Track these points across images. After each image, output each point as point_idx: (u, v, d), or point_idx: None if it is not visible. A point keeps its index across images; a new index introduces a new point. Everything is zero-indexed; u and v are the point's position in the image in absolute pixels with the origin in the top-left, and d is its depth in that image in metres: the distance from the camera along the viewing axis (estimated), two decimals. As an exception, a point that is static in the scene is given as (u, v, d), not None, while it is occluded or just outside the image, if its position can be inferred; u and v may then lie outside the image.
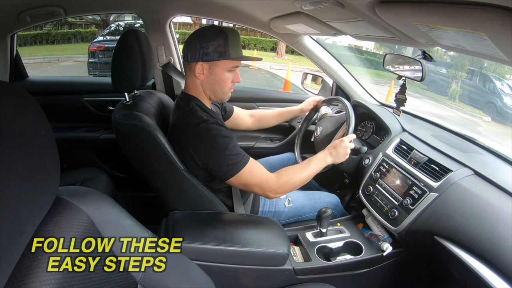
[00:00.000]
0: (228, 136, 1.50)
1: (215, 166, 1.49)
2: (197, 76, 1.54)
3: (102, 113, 2.55)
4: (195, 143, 1.47)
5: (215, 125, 1.49)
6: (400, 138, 1.86)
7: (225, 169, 1.48)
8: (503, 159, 1.63)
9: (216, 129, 1.48)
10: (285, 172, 1.60)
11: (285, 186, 1.59)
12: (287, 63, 13.25)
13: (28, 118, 0.64)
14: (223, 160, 1.47)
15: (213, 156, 1.47)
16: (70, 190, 0.81)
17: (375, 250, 1.64)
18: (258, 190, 1.56)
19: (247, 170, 1.50)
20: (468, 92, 11.26)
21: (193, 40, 1.51)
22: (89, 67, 9.90)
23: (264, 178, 1.55)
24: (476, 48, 0.91)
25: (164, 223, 1.52)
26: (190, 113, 1.53)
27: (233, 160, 1.48)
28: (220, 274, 1.37)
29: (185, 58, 1.54)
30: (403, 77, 1.84)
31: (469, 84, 11.45)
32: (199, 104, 1.57)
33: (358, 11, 1.14)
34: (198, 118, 1.50)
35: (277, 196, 1.60)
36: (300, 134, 2.18)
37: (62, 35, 15.56)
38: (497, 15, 0.66)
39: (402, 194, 1.60)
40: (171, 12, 2.24)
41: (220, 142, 1.47)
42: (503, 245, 1.18)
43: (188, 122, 1.51)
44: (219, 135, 1.48)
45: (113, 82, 1.58)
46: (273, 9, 1.83)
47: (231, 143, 1.49)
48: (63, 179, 0.72)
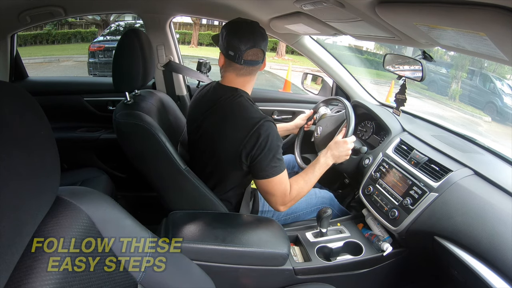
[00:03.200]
0: (281, 139, 1.54)
1: (260, 163, 1.50)
2: (263, 67, 1.59)
3: (102, 113, 2.56)
4: (254, 138, 1.47)
5: (272, 123, 1.50)
6: (400, 138, 1.86)
7: (266, 168, 1.50)
8: (503, 159, 1.63)
9: (274, 128, 1.51)
10: (295, 186, 1.62)
11: (295, 200, 1.62)
12: (287, 63, 13.23)
13: (28, 118, 0.64)
14: (270, 160, 1.49)
15: (266, 154, 1.48)
16: (70, 190, 0.81)
17: (375, 250, 1.64)
18: (274, 199, 1.58)
19: (279, 177, 1.52)
20: (469, 92, 11.22)
21: (264, 40, 1.51)
22: (89, 67, 9.88)
23: (285, 192, 1.57)
24: (476, 48, 0.91)
25: (164, 223, 1.52)
26: (246, 105, 1.53)
27: (276, 164, 1.50)
28: (220, 274, 1.37)
29: (261, 61, 1.55)
30: (403, 77, 1.84)
31: (469, 84, 11.40)
32: (250, 99, 1.58)
33: (358, 11, 1.14)
34: (257, 113, 1.51)
35: (285, 209, 1.63)
36: (299, 135, 2.18)
37: (62, 35, 15.59)
38: (498, 15, 0.66)
39: (402, 194, 1.60)
40: (171, 12, 2.24)
41: (276, 143, 1.50)
42: (503, 245, 1.18)
43: (246, 114, 1.51)
44: (276, 136, 1.50)
45: (114, 81, 1.57)
46: (273, 9, 1.83)
47: (281, 146, 1.53)
48: (63, 179, 0.72)
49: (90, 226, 0.77)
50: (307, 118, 2.17)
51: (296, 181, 1.63)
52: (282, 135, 2.21)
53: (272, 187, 1.53)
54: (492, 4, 0.66)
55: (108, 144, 2.46)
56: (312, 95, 2.74)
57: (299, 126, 2.18)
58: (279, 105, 2.65)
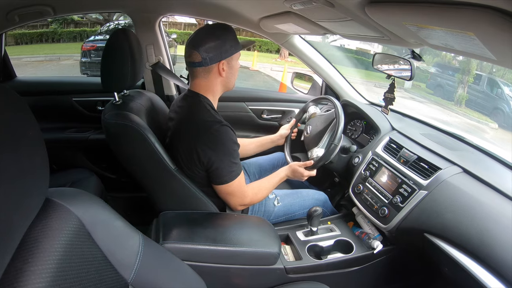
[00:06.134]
0: (237, 144, 1.56)
1: (217, 169, 1.53)
2: (221, 75, 1.58)
3: (92, 113, 2.53)
4: (207, 142, 1.49)
5: (228, 128, 1.52)
6: (390, 136, 1.87)
7: (224, 174, 1.54)
8: (491, 157, 1.65)
9: (230, 133, 1.52)
10: (257, 190, 1.70)
11: (253, 201, 1.69)
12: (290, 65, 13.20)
13: (17, 119, 0.63)
14: (226, 165, 1.52)
15: (220, 159, 1.51)
16: (59, 191, 0.80)
17: (366, 248, 1.65)
18: (234, 200, 1.63)
19: (237, 181, 1.57)
20: (475, 98, 10.81)
21: (207, 43, 1.52)
22: (81, 66, 9.76)
23: (244, 193, 1.63)
24: (464, 47, 0.92)
25: (154, 223, 1.51)
26: (203, 111, 1.56)
27: (233, 168, 1.54)
28: (212, 274, 1.37)
29: (203, 63, 1.54)
30: (392, 77, 1.85)
31: (476, 89, 10.96)
32: (210, 104, 1.60)
33: (348, 10, 1.14)
34: (212, 118, 1.53)
35: (243, 208, 1.70)
36: (289, 134, 2.18)
37: (67, 33, 15.51)
38: (486, 15, 0.67)
39: (392, 192, 1.61)
40: (161, 11, 2.23)
41: (230, 147, 1.53)
42: (492, 242, 1.19)
43: (201, 120, 1.53)
44: (231, 140, 1.53)
45: (103, 81, 1.56)
46: (263, 9, 1.83)
47: (237, 151, 1.56)
48: (52, 181, 0.71)
49: (80, 228, 0.76)
50: (291, 127, 2.19)
51: (258, 186, 1.73)
52: (268, 147, 2.23)
53: (232, 190, 1.59)
54: (481, 4, 0.67)
55: (98, 145, 2.43)
56: (301, 94, 2.75)
57: (284, 136, 2.18)
58: (269, 105, 2.65)
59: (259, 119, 2.65)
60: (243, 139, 2.18)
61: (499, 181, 1.39)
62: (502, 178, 1.45)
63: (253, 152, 2.22)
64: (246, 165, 2.20)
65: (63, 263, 0.69)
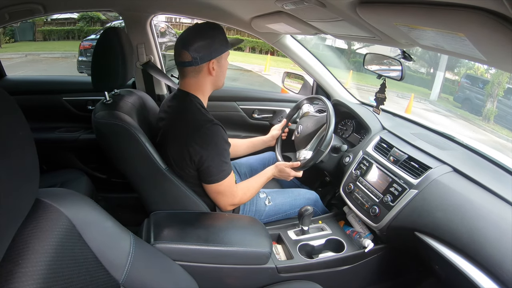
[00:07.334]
0: (228, 143, 1.56)
1: (208, 167, 1.53)
2: (211, 74, 1.58)
3: (82, 112, 2.51)
4: (198, 140, 1.49)
5: (220, 127, 1.53)
6: (380, 136, 1.88)
7: (214, 172, 1.53)
8: (482, 156, 1.66)
9: (221, 132, 1.53)
10: (246, 189, 1.71)
11: (242, 201, 1.69)
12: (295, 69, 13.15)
13: (6, 119, 0.63)
14: (217, 164, 1.52)
15: (211, 157, 1.51)
16: (49, 192, 0.80)
17: (357, 247, 1.66)
18: (224, 200, 1.63)
19: (228, 180, 1.57)
20: (505, 114, 10.29)
21: (197, 42, 1.52)
22: (79, 65, 9.75)
23: (233, 193, 1.63)
24: (455, 48, 0.93)
25: (145, 224, 1.51)
26: (194, 110, 1.56)
27: (223, 168, 1.54)
28: (203, 274, 1.37)
29: (193, 63, 1.53)
30: (383, 77, 1.86)
31: (506, 104, 10.48)
32: (200, 103, 1.60)
33: (339, 11, 1.15)
34: (204, 117, 1.53)
35: (231, 208, 1.69)
36: (278, 143, 2.18)
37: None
38: (476, 16, 0.68)
39: (383, 191, 1.62)
40: (152, 10, 2.21)
41: (221, 146, 1.53)
42: (482, 240, 1.21)
43: (192, 119, 1.53)
44: (223, 139, 1.53)
45: (93, 81, 1.55)
46: (255, 8, 1.83)
47: (228, 150, 1.56)
48: (42, 181, 0.71)
49: (70, 229, 0.76)
50: (282, 127, 2.19)
51: (243, 183, 1.73)
52: (260, 148, 2.23)
53: (223, 189, 1.59)
54: (471, 6, 0.67)
55: (88, 145, 2.41)
56: (292, 94, 2.75)
57: (275, 137, 2.19)
58: (260, 104, 2.65)
59: (250, 119, 2.64)
60: (235, 139, 2.16)
61: (489, 180, 1.41)
62: (492, 177, 1.47)
63: (244, 152, 2.22)
64: (237, 165, 2.20)
65: (53, 265, 0.69)
